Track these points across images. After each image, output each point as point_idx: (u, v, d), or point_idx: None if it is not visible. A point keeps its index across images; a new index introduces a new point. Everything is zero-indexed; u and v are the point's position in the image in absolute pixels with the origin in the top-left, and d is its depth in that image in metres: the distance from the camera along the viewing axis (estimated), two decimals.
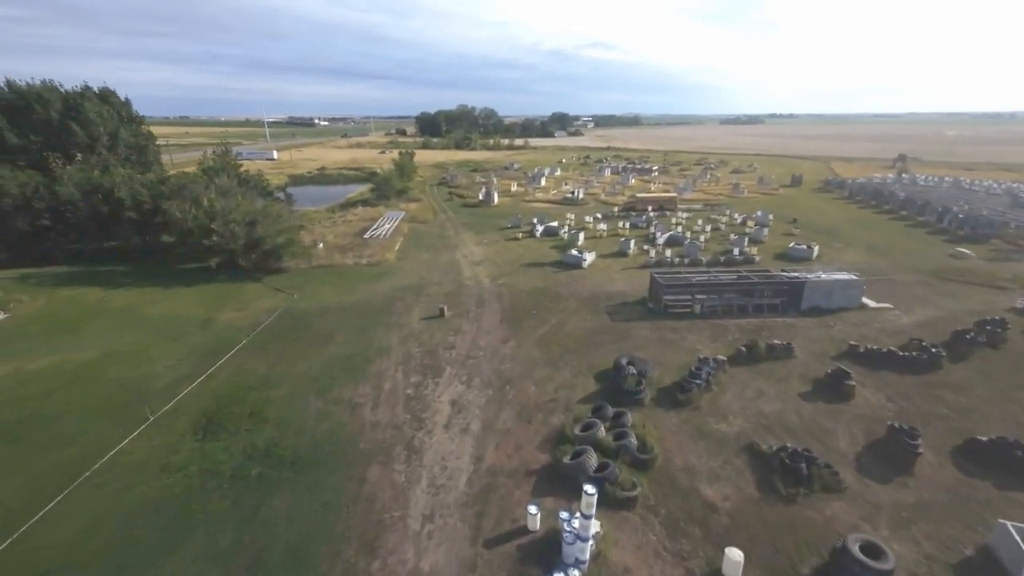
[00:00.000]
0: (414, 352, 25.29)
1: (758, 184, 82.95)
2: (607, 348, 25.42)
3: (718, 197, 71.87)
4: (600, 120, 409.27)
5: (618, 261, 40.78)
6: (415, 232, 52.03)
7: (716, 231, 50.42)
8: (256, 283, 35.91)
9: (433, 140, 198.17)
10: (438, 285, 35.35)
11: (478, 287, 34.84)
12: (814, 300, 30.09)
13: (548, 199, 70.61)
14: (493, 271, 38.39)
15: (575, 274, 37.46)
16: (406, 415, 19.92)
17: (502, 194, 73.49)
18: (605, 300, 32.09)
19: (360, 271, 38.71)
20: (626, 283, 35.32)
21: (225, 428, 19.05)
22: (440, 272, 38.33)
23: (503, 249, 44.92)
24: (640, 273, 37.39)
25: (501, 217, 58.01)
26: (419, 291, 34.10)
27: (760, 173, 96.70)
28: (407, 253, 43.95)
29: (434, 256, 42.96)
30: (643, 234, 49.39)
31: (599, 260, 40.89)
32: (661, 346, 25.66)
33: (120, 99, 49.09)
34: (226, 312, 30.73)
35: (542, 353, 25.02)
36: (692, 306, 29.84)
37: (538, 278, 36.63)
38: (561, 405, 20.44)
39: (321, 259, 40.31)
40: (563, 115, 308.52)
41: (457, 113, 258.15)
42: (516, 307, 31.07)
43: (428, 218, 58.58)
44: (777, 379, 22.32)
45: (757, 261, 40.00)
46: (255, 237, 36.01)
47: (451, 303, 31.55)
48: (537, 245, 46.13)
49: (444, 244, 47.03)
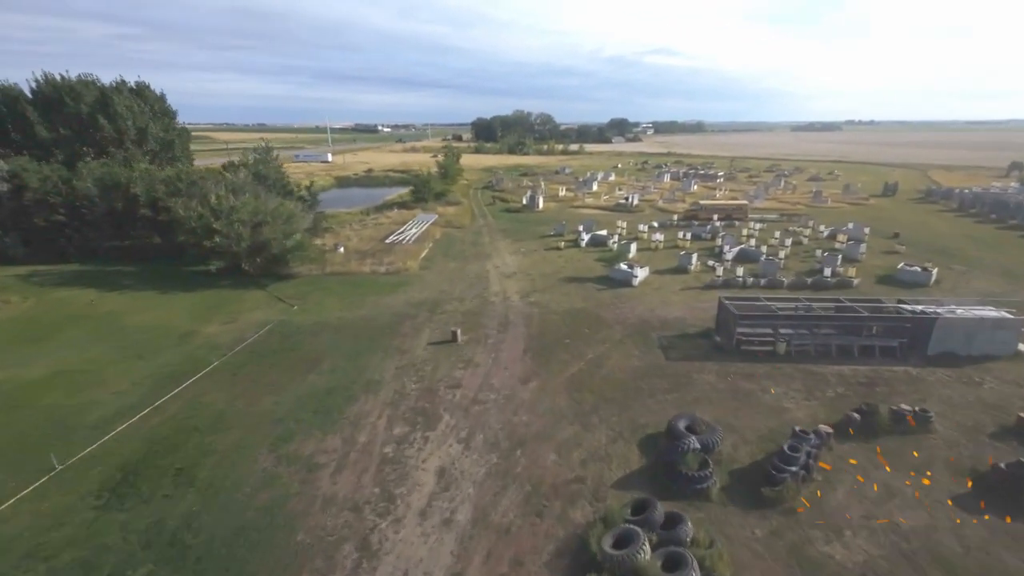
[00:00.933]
0: (409, 390, 20.05)
1: (843, 192, 72.64)
2: (658, 400, 19.12)
3: (796, 206, 62.79)
4: (660, 126, 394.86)
5: (676, 279, 34.03)
6: (447, 238, 47.29)
7: (797, 246, 42.37)
8: (260, 290, 32.11)
9: (486, 145, 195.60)
10: (459, 301, 30.11)
11: (504, 305, 29.31)
12: (947, 344, 22.34)
13: (598, 205, 64.20)
14: (525, 286, 32.75)
15: (623, 294, 31.15)
16: (374, 488, 14.61)
17: (548, 199, 67.78)
18: (659, 329, 25.66)
19: (376, 280, 34.18)
20: (686, 308, 28.66)
21: (139, 490, 14.48)
22: (464, 285, 33.12)
23: (541, 260, 39.19)
24: (704, 296, 30.56)
25: (544, 224, 52.32)
26: (435, 308, 28.99)
27: (843, 181, 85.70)
28: (432, 262, 39.13)
29: (461, 266, 37.87)
30: (707, 247, 42.19)
31: (653, 277, 34.33)
32: (734, 401, 19.05)
33: (155, 93, 47.72)
34: (213, 324, 26.85)
35: (571, 402, 19.07)
36: (775, 344, 22.92)
37: (577, 297, 30.64)
38: (589, 490, 14.46)
39: (336, 265, 36.17)
40: (621, 120, 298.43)
41: (513, 118, 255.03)
42: (546, 334, 25.27)
43: (464, 223, 53.81)
44: (912, 468, 15.27)
45: (855, 285, 32.06)
46: (261, 239, 32.25)
47: (468, 325, 26.21)
48: (581, 256, 40.08)
49: (476, 252, 41.91)
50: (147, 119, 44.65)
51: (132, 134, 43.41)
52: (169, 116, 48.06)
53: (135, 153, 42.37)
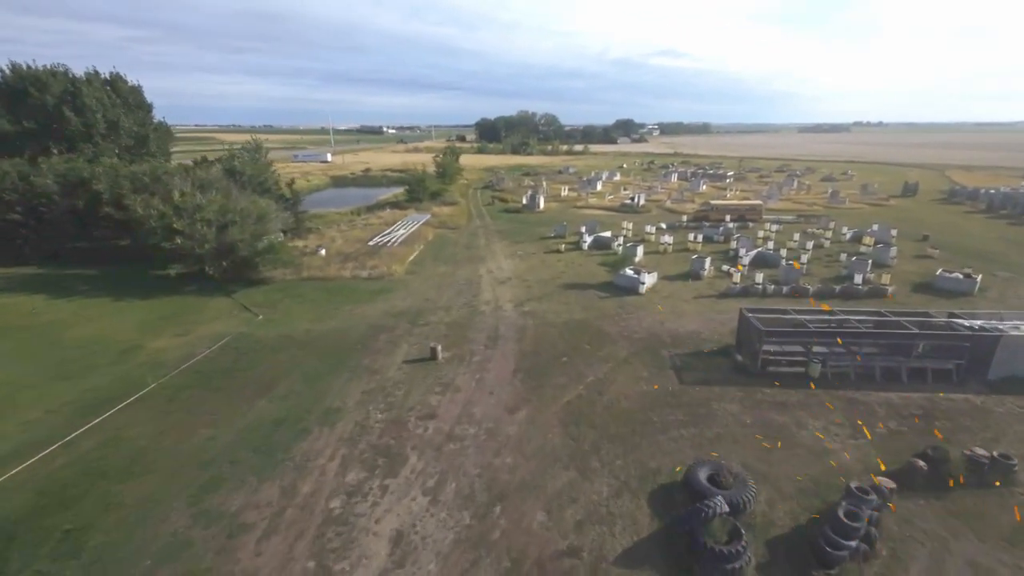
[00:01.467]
0: (373, 421, 16.80)
1: (861, 193, 68.99)
2: (672, 436, 15.79)
3: (812, 207, 59.22)
4: (666, 128, 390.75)
5: (688, 286, 30.65)
6: (440, 240, 44.09)
7: (819, 249, 38.85)
8: (225, 298, 28.98)
9: (489, 145, 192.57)
10: (444, 311, 26.87)
11: (495, 316, 26.03)
12: (1013, 366, 18.89)
13: (603, 205, 60.85)
14: (521, 293, 29.47)
15: (629, 303, 27.81)
16: (307, 562, 11.36)
17: (550, 198, 64.51)
18: (671, 345, 22.30)
19: (356, 286, 30.98)
20: (701, 319, 25.28)
21: (10, 562, 11.31)
22: (453, 292, 29.88)
23: (539, 264, 35.89)
24: (720, 305, 27.19)
25: (544, 225, 49.03)
26: (417, 318, 25.76)
27: (858, 181, 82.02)
28: (421, 265, 35.91)
29: (452, 270, 34.63)
30: (721, 250, 38.79)
31: (662, 284, 30.97)
32: (765, 439, 15.69)
33: (128, 85, 44.78)
34: (163, 337, 23.71)
35: (566, 439, 15.77)
36: (808, 365, 19.54)
37: (578, 306, 27.33)
38: (585, 568, 11.16)
39: (314, 270, 33.00)
40: (627, 121, 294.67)
41: (517, 119, 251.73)
42: (541, 350, 21.97)
43: (460, 223, 50.60)
44: (1002, 537, 11.88)
45: (890, 294, 28.58)
46: (228, 241, 29.12)
47: (452, 339, 22.97)
48: (582, 260, 36.75)
49: (469, 255, 38.67)
50: (119, 112, 41.73)
51: (102, 128, 40.49)
52: (145, 110, 45.12)
53: (105, 148, 39.45)
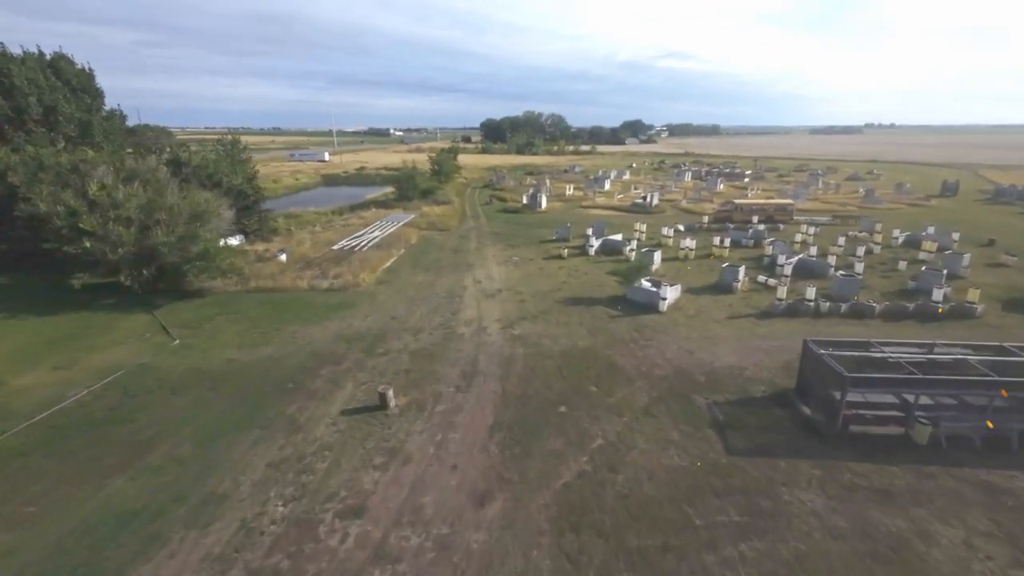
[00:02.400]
0: (267, 522, 11.10)
1: (896, 192, 62.72)
2: (726, 556, 9.96)
3: (846, 207, 53.09)
4: (675, 129, 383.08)
5: (719, 302, 24.79)
6: (425, 242, 38.45)
7: (869, 256, 32.72)
8: (146, 315, 23.44)
9: (493, 145, 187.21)
10: (413, 334, 21.19)
11: (476, 342, 20.33)
12: None
13: (611, 205, 54.98)
14: (511, 310, 23.75)
15: (647, 324, 22.01)
16: None
17: (554, 198, 58.79)
18: (707, 388, 16.49)
19: (311, 300, 25.39)
20: (741, 348, 19.43)
21: None
22: (428, 308, 24.20)
23: (536, 272, 30.14)
24: (763, 328, 21.34)
25: (546, 226, 43.30)
26: (375, 344, 20.11)
27: (887, 180, 75.74)
28: (396, 274, 30.27)
29: (432, 280, 28.96)
30: (752, 256, 32.87)
31: (687, 298, 25.14)
32: (875, 564, 9.82)
33: (76, 67, 39.56)
34: (38, 370, 18.18)
35: (560, 558, 10.01)
36: (909, 425, 13.65)
37: (582, 328, 21.56)
38: None
39: (265, 279, 27.45)
40: (635, 121, 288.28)
41: (523, 120, 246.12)
42: (531, 393, 16.23)
43: (450, 224, 44.96)
44: None
45: (979, 314, 22.57)
46: (149, 244, 23.59)
47: (414, 377, 17.31)
48: (589, 268, 30.97)
49: (455, 261, 32.99)
50: (58, 96, 36.47)
51: (35, 113, 35.31)
52: (92, 95, 39.86)
53: (39, 136, 34.19)
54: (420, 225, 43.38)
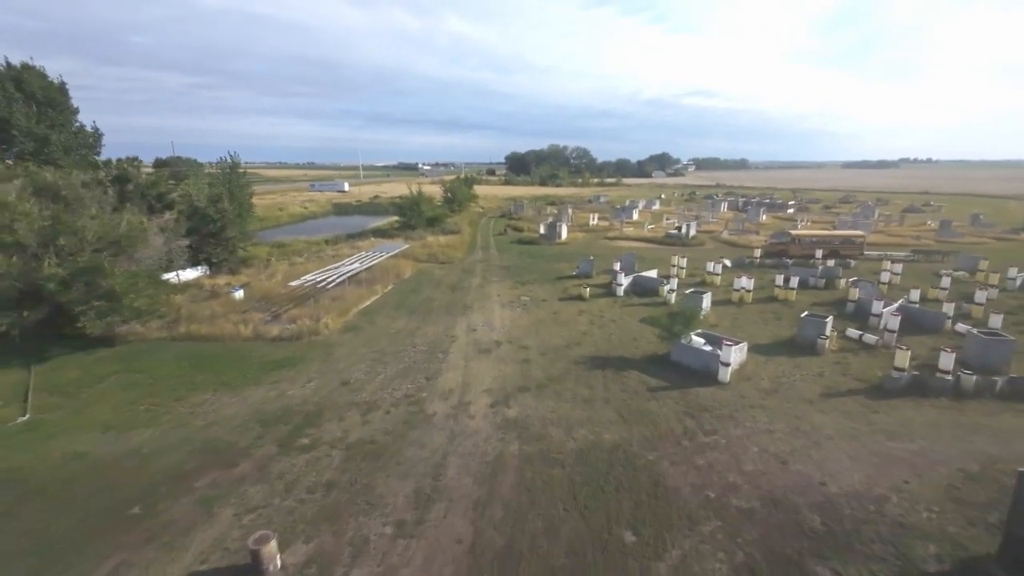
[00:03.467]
0: None
1: (973, 225, 54.37)
2: None
3: (920, 241, 45.22)
4: (702, 163, 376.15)
5: (801, 366, 17.64)
6: (420, 277, 32.38)
7: (990, 303, 25.00)
8: (22, 370, 17.68)
9: (517, 177, 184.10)
10: (363, 412, 14.70)
11: (450, 430, 13.68)
12: None
13: (641, 237, 48.32)
14: (510, 374, 17.11)
15: (706, 402, 15.02)
16: None
17: (576, 228, 52.58)
18: (828, 543, 9.36)
19: (247, 353, 19.28)
20: (863, 454, 12.21)
21: None
22: (397, 370, 17.77)
23: (549, 319, 23.52)
24: (884, 415, 14.04)
25: (565, 260, 36.90)
26: (303, 430, 13.68)
27: (948, 213, 67.24)
28: (372, 317, 24.07)
29: (415, 326, 22.61)
30: (825, 300, 25.64)
31: (755, 360, 18.06)
32: None
33: (47, 80, 35.81)
34: None
35: None
36: None
37: (609, 408, 14.71)
38: None
39: (200, 322, 21.56)
40: (662, 155, 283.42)
41: (548, 152, 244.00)
42: (519, 552, 9.39)
43: (455, 256, 38.96)
44: None
45: None
46: (38, 279, 18.00)
47: (332, 501, 10.73)
48: (617, 313, 24.21)
49: (450, 301, 26.69)
50: (14, 109, 32.49)
51: None
52: (60, 109, 36.01)
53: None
54: (419, 256, 37.48)
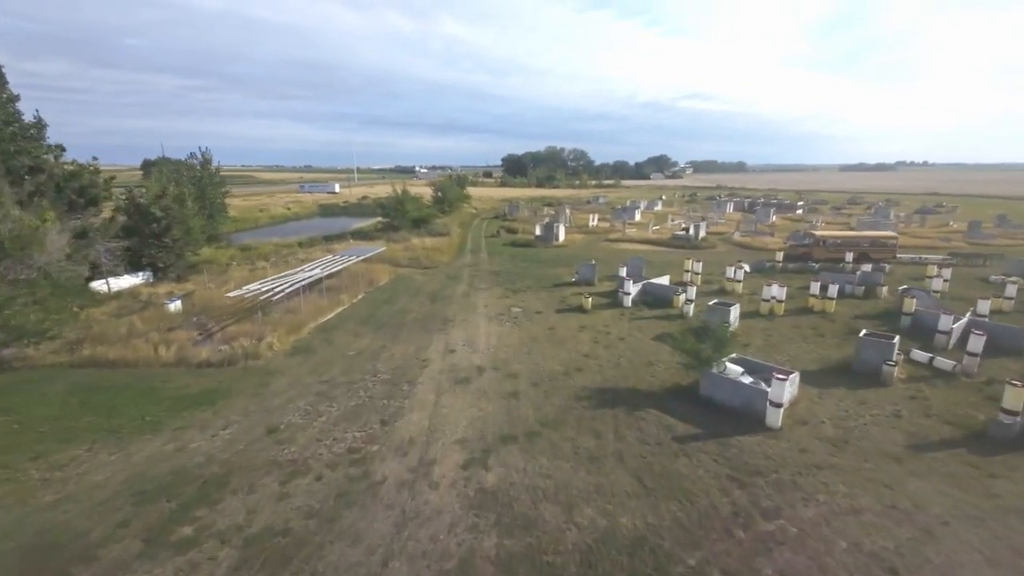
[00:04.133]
0: None
1: (1001, 226, 50.66)
2: None
3: (950, 243, 41.45)
4: (700, 166, 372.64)
5: (866, 401, 13.65)
6: (397, 284, 28.36)
7: None
8: None
9: (513, 179, 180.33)
10: (283, 480, 10.65)
11: (402, 509, 9.62)
12: None
13: (646, 239, 44.41)
14: (493, 415, 13.08)
15: (755, 460, 10.98)
16: None
17: (574, 229, 48.71)
18: None
19: (161, 383, 15.21)
20: (1000, 559, 8.27)
21: None
22: (345, 409, 13.73)
23: (545, 334, 19.51)
24: (1006, 482, 10.08)
25: (563, 264, 32.95)
26: (192, 510, 9.62)
27: (963, 214, 63.63)
28: (331, 334, 20.01)
29: (381, 346, 18.57)
30: (870, 312, 21.74)
31: (809, 394, 14.04)
32: None
33: None
34: None
35: None
36: None
37: (623, 470, 10.68)
38: None
39: (111, 344, 17.47)
40: (660, 156, 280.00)
41: (545, 154, 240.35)
42: None
43: (441, 260, 34.96)
44: None
45: None
46: None
47: None
48: (625, 328, 20.21)
49: (428, 314, 22.66)
50: None
51: None
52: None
53: None
54: (399, 260, 33.45)
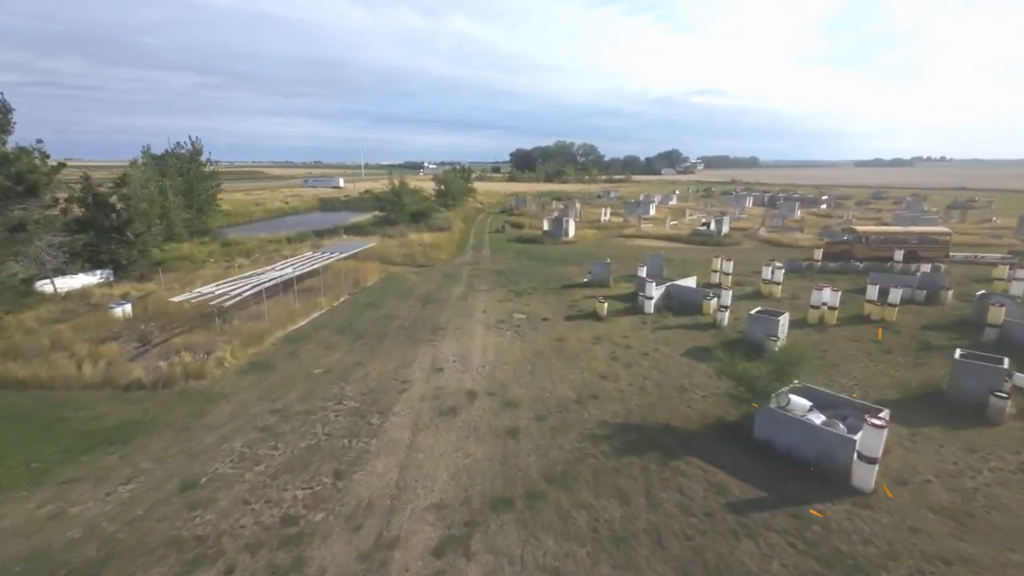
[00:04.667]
0: None
1: None
2: None
3: (1002, 240, 37.58)
4: (711, 161, 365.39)
5: (979, 450, 10.26)
6: (387, 284, 25.24)
7: None
8: None
9: (521, 174, 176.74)
10: (185, 571, 7.56)
11: None
12: None
13: (663, 234, 40.94)
14: (485, 461, 9.89)
15: (849, 544, 7.66)
16: None
17: (585, 224, 45.38)
18: None
19: (71, 412, 12.22)
20: None
21: None
22: (294, 452, 10.62)
23: (552, 347, 16.23)
24: None
25: (573, 262, 29.67)
26: None
27: (1000, 209, 59.35)
28: (298, 347, 16.91)
29: (355, 362, 15.42)
30: (941, 323, 18.26)
31: (898, 437, 10.70)
32: None
33: None
34: None
35: None
36: None
37: (663, 559, 7.45)
38: None
39: (27, 362, 14.48)
40: (672, 152, 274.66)
41: (554, 149, 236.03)
42: None
43: (439, 258, 31.82)
44: None
45: None
46: None
47: None
48: (649, 340, 16.87)
49: (418, 320, 19.51)
50: None
51: None
52: None
53: None
54: (392, 258, 30.35)
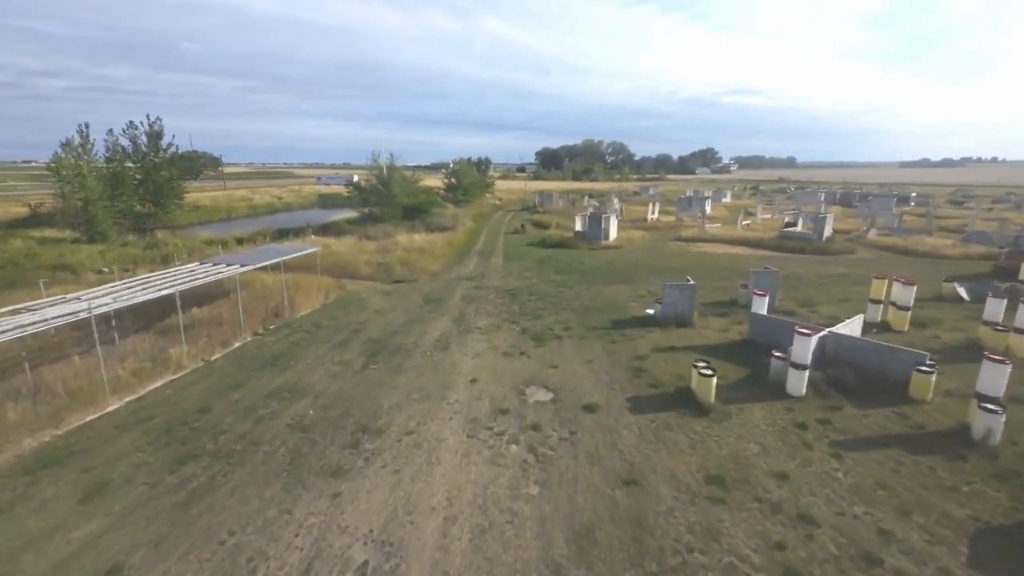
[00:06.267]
0: None
1: None
2: None
3: None
4: (745, 162, 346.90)
5: None
6: (322, 318, 15.92)
7: None
8: None
9: (548, 172, 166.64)
10: None
11: None
12: None
13: (736, 237, 30.62)
14: None
15: None
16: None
17: (629, 224, 35.40)
18: None
19: None
20: None
21: None
22: None
23: (617, 506, 6.62)
24: None
25: (621, 277, 19.80)
26: None
27: None
28: (28, 490, 7.74)
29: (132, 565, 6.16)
30: None
31: None
32: None
33: None
34: None
35: None
36: None
37: None
38: None
39: None
40: (706, 150, 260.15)
41: (582, 147, 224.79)
42: None
43: (426, 268, 22.39)
44: None
45: None
46: None
47: None
48: (836, 483, 7.07)
49: (330, 417, 10.14)
50: None
51: None
52: None
53: None
54: (357, 269, 21.03)
